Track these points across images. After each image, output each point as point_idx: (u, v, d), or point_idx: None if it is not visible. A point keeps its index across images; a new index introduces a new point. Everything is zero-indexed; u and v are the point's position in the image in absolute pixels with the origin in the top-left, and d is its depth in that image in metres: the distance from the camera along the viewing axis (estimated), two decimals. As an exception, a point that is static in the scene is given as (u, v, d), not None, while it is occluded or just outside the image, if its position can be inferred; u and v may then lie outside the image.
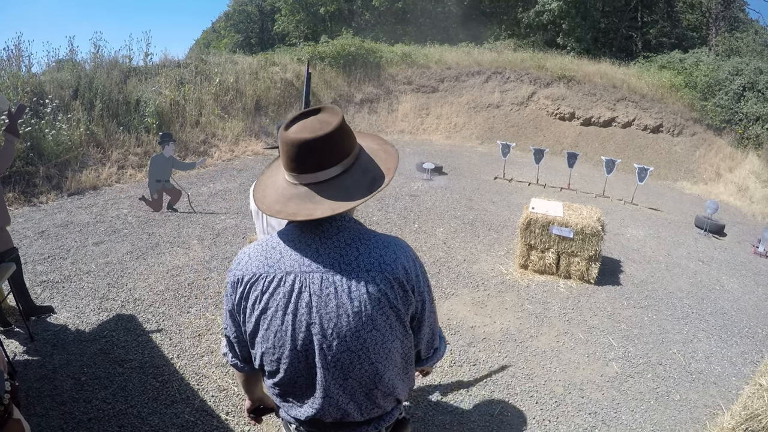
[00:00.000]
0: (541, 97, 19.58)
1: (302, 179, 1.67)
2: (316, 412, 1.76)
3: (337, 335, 1.62)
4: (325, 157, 1.64)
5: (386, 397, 1.79)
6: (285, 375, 1.73)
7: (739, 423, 3.30)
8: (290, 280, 1.63)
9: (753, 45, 23.07)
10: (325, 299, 1.61)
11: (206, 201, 9.60)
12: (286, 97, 17.44)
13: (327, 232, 1.67)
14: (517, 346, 5.38)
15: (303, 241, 1.68)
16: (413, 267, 1.71)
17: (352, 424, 1.82)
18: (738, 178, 14.77)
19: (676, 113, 17.50)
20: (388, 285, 1.63)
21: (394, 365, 1.74)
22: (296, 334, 1.65)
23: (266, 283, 1.66)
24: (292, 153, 1.64)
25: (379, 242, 1.69)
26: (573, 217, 6.98)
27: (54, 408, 3.94)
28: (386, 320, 1.65)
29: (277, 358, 1.71)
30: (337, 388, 1.71)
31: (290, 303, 1.63)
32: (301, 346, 1.66)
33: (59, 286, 5.94)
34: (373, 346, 1.65)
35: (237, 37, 42.52)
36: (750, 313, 6.83)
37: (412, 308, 1.72)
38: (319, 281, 1.62)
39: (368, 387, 1.73)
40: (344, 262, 1.63)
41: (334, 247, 1.65)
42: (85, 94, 11.73)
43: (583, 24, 25.83)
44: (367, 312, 1.61)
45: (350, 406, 1.75)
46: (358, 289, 1.60)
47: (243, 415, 4.06)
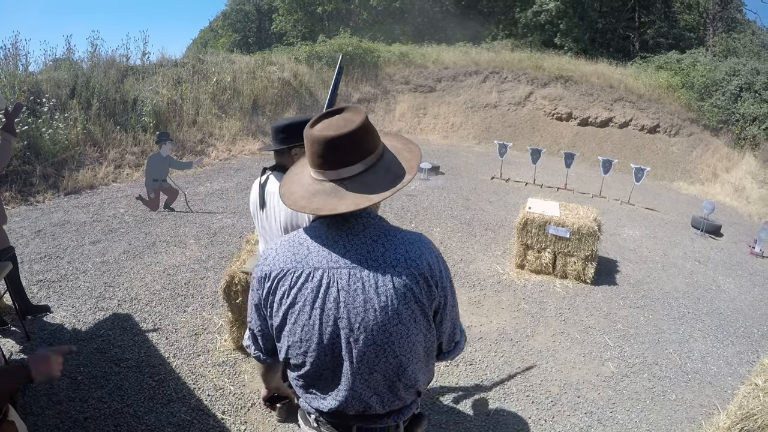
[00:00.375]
0: (539, 97, 19.60)
1: (327, 175, 1.71)
2: (339, 404, 1.79)
3: (363, 329, 1.66)
4: (348, 154, 1.67)
5: (408, 389, 1.82)
6: (311, 368, 1.76)
7: (735, 422, 3.31)
8: (318, 275, 1.67)
9: (750, 46, 23.13)
10: (353, 294, 1.65)
11: (203, 200, 9.60)
12: (284, 97, 17.45)
13: (353, 228, 1.71)
14: (513, 346, 5.39)
15: (330, 238, 1.72)
16: (437, 263, 1.74)
17: (373, 416, 1.85)
18: (734, 179, 14.79)
19: (673, 113, 17.52)
20: (413, 280, 1.66)
21: (418, 358, 1.77)
22: (323, 328, 1.68)
23: (294, 278, 1.70)
24: (318, 150, 1.68)
25: (404, 239, 1.73)
26: (569, 217, 6.99)
27: (50, 407, 3.93)
28: (411, 314, 1.68)
29: (303, 352, 1.74)
30: (362, 381, 1.74)
31: (318, 298, 1.67)
32: (328, 340, 1.69)
33: (56, 285, 5.93)
34: (398, 339, 1.69)
35: (234, 37, 42.53)
36: (746, 313, 6.84)
37: (436, 303, 1.75)
38: (347, 277, 1.66)
39: (392, 380, 1.76)
40: (371, 258, 1.67)
41: (361, 243, 1.69)
42: (82, 93, 11.71)
43: (580, 24, 25.89)
44: (393, 306, 1.65)
45: (373, 399, 1.78)
46: (384, 284, 1.64)
47: (239, 414, 4.07)
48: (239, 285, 4.39)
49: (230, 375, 4.53)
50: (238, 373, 4.56)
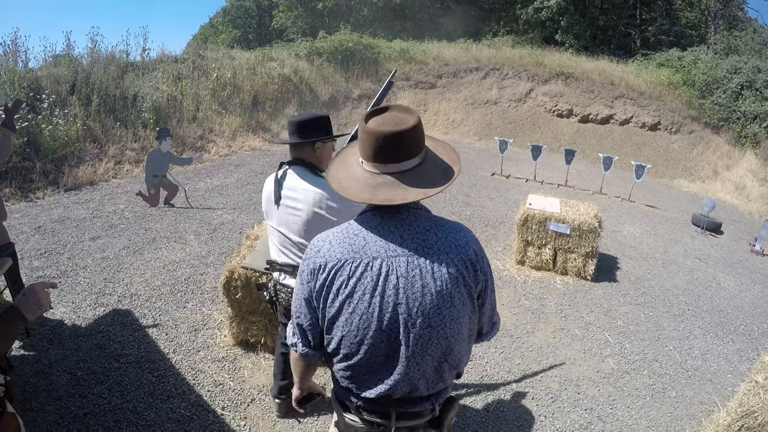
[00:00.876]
0: (539, 93, 19.60)
1: (387, 168, 1.80)
2: (388, 388, 1.85)
3: (421, 313, 1.74)
4: (408, 148, 1.79)
5: (452, 370, 1.92)
6: (364, 356, 1.82)
7: (735, 420, 3.31)
8: (377, 264, 1.76)
9: (751, 43, 23.11)
10: (411, 280, 1.74)
11: (203, 196, 9.59)
12: (284, 93, 17.43)
13: (407, 219, 1.83)
14: (514, 342, 5.39)
15: (386, 228, 1.81)
16: (480, 250, 1.88)
17: (415, 399, 1.91)
18: (735, 177, 14.80)
19: (674, 111, 17.52)
20: (463, 265, 1.79)
21: (462, 339, 1.87)
22: (383, 314, 1.76)
23: (353, 268, 1.77)
24: (378, 144, 1.77)
25: (452, 228, 1.86)
26: (570, 214, 6.99)
27: (50, 403, 3.92)
28: (461, 298, 1.79)
29: (359, 340, 1.80)
30: (415, 364, 1.81)
31: (378, 286, 1.75)
32: (386, 325, 1.77)
33: (55, 282, 5.91)
34: (450, 321, 1.79)
35: (235, 33, 42.50)
36: (746, 310, 6.84)
37: (480, 287, 1.86)
38: (405, 264, 1.75)
39: (439, 361, 1.85)
40: (426, 246, 1.77)
41: (415, 232, 1.80)
42: (82, 90, 11.69)
43: (581, 21, 25.86)
44: (448, 290, 1.75)
45: (421, 381, 1.85)
46: (440, 269, 1.75)
47: (238, 410, 4.07)
48: (239, 280, 4.38)
49: (230, 371, 4.53)
50: (237, 369, 4.56)
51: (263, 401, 4.18)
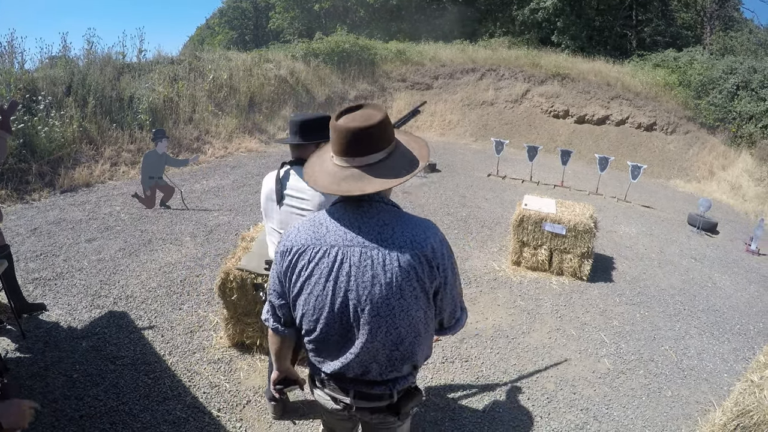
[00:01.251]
0: (536, 94, 19.62)
1: (354, 162, 1.93)
2: (342, 366, 2.02)
3: (369, 301, 1.88)
4: (373, 143, 1.91)
5: (405, 361, 2.03)
6: (320, 333, 2.01)
7: (731, 419, 3.31)
8: (334, 252, 1.91)
9: (747, 44, 23.18)
10: (363, 270, 1.88)
11: (199, 198, 9.58)
12: (280, 94, 17.41)
13: (369, 212, 1.95)
14: (509, 343, 5.40)
15: (347, 219, 1.95)
16: (440, 246, 1.95)
17: (370, 382, 2.07)
18: (731, 177, 14.83)
19: (669, 111, 17.55)
20: (417, 260, 1.88)
21: (416, 333, 1.99)
22: (335, 298, 1.92)
23: (313, 253, 1.94)
24: (346, 139, 1.90)
25: (412, 223, 1.96)
26: (566, 214, 7.00)
27: (46, 405, 3.92)
28: (413, 291, 1.90)
29: (315, 319, 1.99)
30: (365, 348, 1.96)
31: (333, 272, 1.91)
32: (338, 309, 1.93)
33: (51, 284, 5.91)
34: (399, 313, 1.91)
35: (231, 34, 42.55)
36: (742, 310, 6.86)
37: (437, 283, 1.95)
38: (359, 254, 1.89)
39: (390, 349, 1.98)
40: (381, 239, 1.89)
41: (373, 225, 1.92)
42: (78, 91, 11.66)
43: (577, 22, 25.88)
44: (397, 283, 1.87)
45: (372, 365, 2.01)
46: (391, 262, 1.86)
47: (234, 412, 4.07)
48: (234, 282, 4.38)
49: (225, 372, 4.53)
50: (233, 371, 4.56)
51: (259, 403, 4.18)
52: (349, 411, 2.16)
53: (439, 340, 5.31)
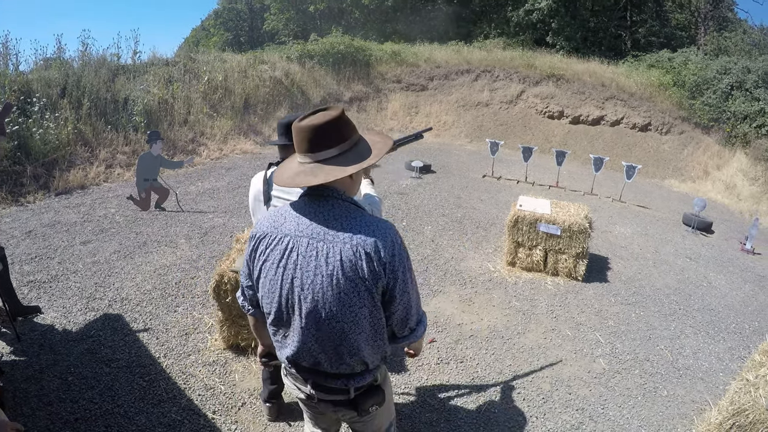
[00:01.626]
0: (530, 95, 19.65)
1: (309, 158, 2.05)
2: (293, 353, 2.15)
3: (311, 291, 1.99)
4: (326, 140, 2.02)
5: (352, 356, 2.11)
6: (274, 317, 2.13)
7: (726, 418, 3.32)
8: (286, 240, 2.04)
9: (741, 44, 23.23)
10: (308, 260, 1.99)
11: (194, 200, 9.57)
12: (275, 96, 17.40)
13: (324, 207, 2.05)
14: (504, 343, 5.40)
15: (303, 211, 2.07)
16: (389, 247, 2.00)
17: (324, 374, 2.18)
18: (726, 176, 14.88)
19: (664, 112, 17.59)
20: (358, 256, 1.95)
21: (361, 330, 2.06)
22: (283, 284, 2.04)
23: (270, 240, 2.08)
24: (302, 137, 2.03)
25: (363, 221, 2.03)
26: (560, 215, 7.01)
27: (41, 408, 3.91)
28: (354, 287, 1.97)
29: (269, 302, 2.12)
30: (311, 337, 2.07)
31: (283, 259, 2.03)
32: (285, 295, 2.05)
33: (46, 286, 5.90)
34: (339, 306, 1.99)
35: (226, 36, 42.55)
36: (737, 309, 6.88)
37: (383, 283, 2.01)
38: (306, 245, 2.00)
39: (335, 342, 2.06)
40: (329, 233, 1.98)
41: (324, 219, 2.02)
42: (72, 93, 11.64)
43: (572, 23, 25.96)
44: (337, 276, 1.95)
45: (321, 356, 2.11)
46: (333, 255, 1.95)
47: (229, 414, 4.07)
48: (229, 284, 4.38)
49: (221, 374, 4.53)
50: (228, 373, 4.55)
51: (254, 405, 4.17)
52: (312, 402, 2.28)
53: (434, 341, 5.33)
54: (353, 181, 2.15)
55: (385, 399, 2.36)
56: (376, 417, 2.45)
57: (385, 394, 2.35)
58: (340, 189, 2.08)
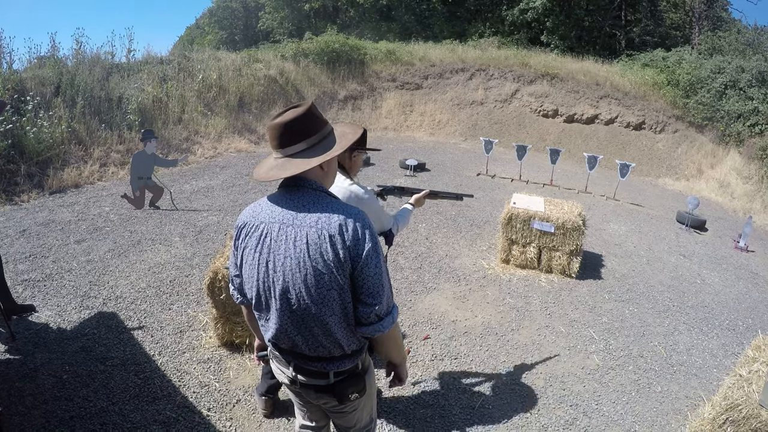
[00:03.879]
0: (525, 94, 19.67)
1: (280, 153, 2.18)
2: (273, 335, 2.25)
3: (282, 273, 2.10)
4: (293, 136, 2.15)
5: (327, 337, 2.19)
6: (255, 301, 2.24)
7: (720, 413, 3.35)
8: (262, 227, 2.15)
9: (735, 44, 23.23)
10: (278, 244, 2.10)
11: (188, 198, 9.57)
12: (270, 94, 17.37)
13: (296, 195, 2.16)
14: (498, 340, 5.42)
15: (278, 200, 2.19)
16: (354, 231, 2.08)
17: (303, 356, 2.26)
18: (719, 175, 14.95)
19: (658, 111, 17.65)
20: (323, 239, 2.04)
21: (332, 312, 2.13)
22: (260, 268, 2.15)
23: (249, 228, 2.19)
24: (272, 134, 2.17)
25: (331, 207, 2.12)
26: (554, 212, 7.03)
27: (36, 407, 3.91)
28: (320, 269, 2.05)
29: (249, 287, 2.24)
30: (286, 318, 2.17)
31: (259, 244, 2.15)
32: (262, 279, 2.16)
33: (41, 285, 5.89)
34: (306, 288, 2.08)
35: (221, 34, 42.44)
36: (731, 306, 6.92)
37: (348, 266, 2.08)
38: (277, 230, 2.11)
39: (309, 324, 2.16)
40: (297, 218, 2.09)
41: (294, 206, 2.13)
42: (66, 91, 11.62)
43: (566, 22, 25.99)
44: (304, 259, 2.05)
45: (298, 338, 2.20)
46: (300, 239, 2.06)
47: (224, 411, 4.07)
48: (223, 281, 4.39)
49: (215, 372, 4.53)
50: (223, 370, 4.56)
51: (249, 402, 4.18)
52: (295, 387, 2.38)
53: (429, 338, 5.34)
54: (325, 172, 2.26)
55: (365, 389, 2.43)
56: (356, 410, 2.53)
57: (366, 384, 2.43)
58: (311, 179, 2.20)
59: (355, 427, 2.64)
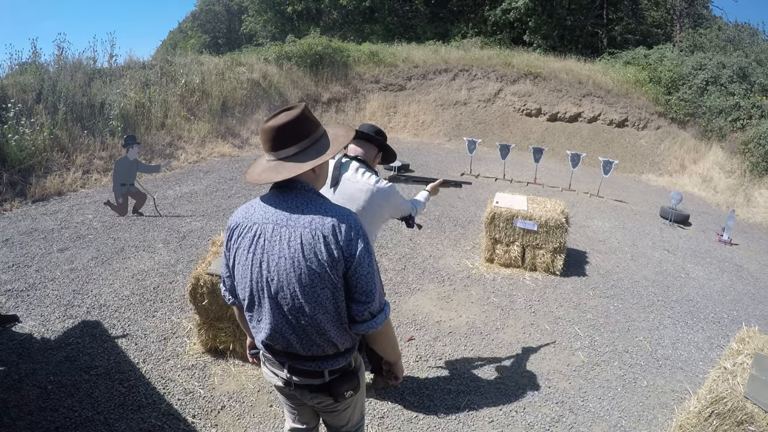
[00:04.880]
0: (508, 93, 19.73)
1: (273, 156, 2.20)
2: (266, 336, 2.25)
3: (276, 273, 2.12)
4: (285, 140, 2.17)
5: (321, 336, 2.21)
6: (248, 302, 2.25)
7: (705, 406, 3.36)
8: (255, 228, 2.17)
9: (716, 41, 23.46)
10: (272, 244, 2.12)
11: (172, 204, 9.51)
12: (253, 98, 17.30)
13: (289, 196, 2.19)
14: (483, 339, 5.44)
15: (271, 201, 2.20)
16: (347, 232, 2.12)
17: (298, 356, 2.28)
18: (702, 170, 15.10)
19: (641, 108, 17.80)
20: (317, 240, 2.07)
21: (325, 311, 2.16)
22: (253, 269, 2.17)
23: (241, 229, 2.21)
24: (265, 137, 2.19)
25: (323, 208, 2.16)
26: (537, 210, 7.06)
27: (21, 418, 3.88)
28: (314, 269, 2.08)
29: (242, 288, 2.25)
30: (280, 318, 2.19)
31: (252, 245, 2.16)
32: (255, 279, 2.17)
33: (24, 295, 5.84)
34: (301, 287, 2.10)
35: (204, 38, 42.33)
36: (715, 299, 6.99)
37: (341, 265, 2.12)
38: (271, 230, 2.13)
39: (303, 324, 2.17)
40: (291, 219, 2.12)
41: (287, 207, 2.16)
42: (48, 98, 11.51)
43: (549, 22, 26.14)
44: (298, 259, 2.08)
45: (292, 337, 2.21)
46: (294, 239, 2.09)
47: (209, 418, 4.06)
48: (205, 287, 4.37)
49: (200, 378, 4.51)
50: (207, 376, 4.54)
51: (234, 408, 4.17)
52: (290, 388, 2.40)
53: (413, 339, 5.35)
54: (316, 174, 2.29)
55: (360, 386, 2.47)
56: (349, 407, 2.57)
57: (360, 381, 2.46)
58: (304, 182, 2.21)
59: (347, 425, 2.66)
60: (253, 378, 4.49)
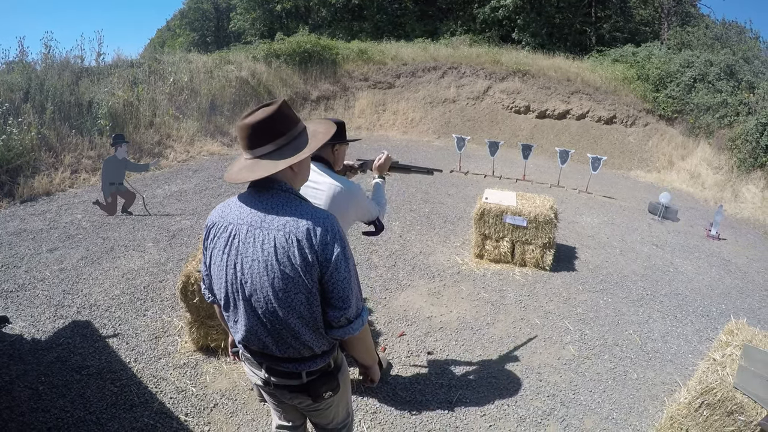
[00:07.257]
0: (497, 91, 19.78)
1: (250, 154, 2.16)
2: (242, 337, 2.25)
3: (250, 275, 2.09)
4: (262, 137, 2.12)
5: (296, 340, 2.18)
6: (224, 302, 2.24)
7: (695, 397, 3.40)
8: (230, 228, 2.14)
9: (704, 38, 23.60)
10: (246, 246, 2.10)
11: (161, 203, 9.48)
12: (242, 96, 17.25)
13: (265, 197, 2.15)
14: (474, 334, 5.46)
15: (248, 202, 2.17)
16: (323, 236, 2.07)
17: (274, 357, 2.26)
18: (690, 166, 15.21)
19: (629, 105, 17.91)
20: (291, 243, 2.04)
21: (299, 315, 2.13)
22: (228, 269, 2.15)
23: (217, 228, 2.20)
24: (241, 135, 2.15)
25: (299, 211, 2.11)
26: (526, 206, 7.09)
27: (12, 419, 3.87)
28: (287, 274, 2.05)
29: (218, 288, 2.23)
30: (255, 320, 2.17)
31: (227, 245, 2.15)
32: (230, 280, 2.16)
33: (13, 296, 5.80)
34: (274, 292, 2.08)
35: (192, 36, 42.12)
36: (704, 292, 7.05)
37: (316, 270, 2.08)
38: (245, 232, 2.10)
39: (277, 327, 2.15)
40: (265, 220, 2.09)
41: (263, 208, 2.12)
42: (36, 97, 11.44)
43: (537, 19, 26.23)
44: (271, 261, 2.05)
45: (267, 339, 2.20)
46: (268, 242, 2.06)
47: (202, 416, 4.06)
48: (195, 285, 4.36)
49: (192, 377, 4.51)
50: (199, 375, 4.54)
51: (226, 405, 4.17)
52: (269, 388, 2.40)
53: (404, 335, 5.36)
54: (295, 173, 2.22)
55: (339, 386, 2.43)
56: (332, 407, 2.55)
57: (339, 382, 2.43)
58: (281, 180, 2.17)
59: (333, 423, 2.66)
60: (245, 375, 4.49)
